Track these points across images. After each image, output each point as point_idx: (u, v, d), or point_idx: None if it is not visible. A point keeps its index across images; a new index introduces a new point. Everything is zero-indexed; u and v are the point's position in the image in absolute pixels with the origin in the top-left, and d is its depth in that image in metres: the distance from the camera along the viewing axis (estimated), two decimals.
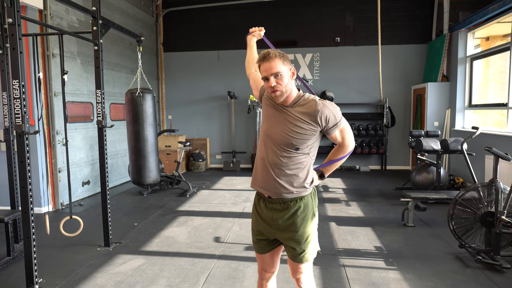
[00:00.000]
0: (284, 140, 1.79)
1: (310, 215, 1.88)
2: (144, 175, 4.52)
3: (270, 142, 1.83)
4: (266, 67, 1.76)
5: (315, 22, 8.53)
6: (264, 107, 1.93)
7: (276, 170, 1.82)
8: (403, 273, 3.14)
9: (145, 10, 8.21)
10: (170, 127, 9.01)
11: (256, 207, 1.98)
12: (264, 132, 1.88)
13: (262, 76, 1.79)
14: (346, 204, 5.41)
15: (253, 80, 2.13)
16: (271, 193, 1.86)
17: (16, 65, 2.62)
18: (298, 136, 1.78)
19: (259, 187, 1.91)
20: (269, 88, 1.77)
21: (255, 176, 1.95)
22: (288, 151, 1.80)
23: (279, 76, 1.75)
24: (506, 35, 6.24)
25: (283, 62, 1.76)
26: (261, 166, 1.88)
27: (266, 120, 1.90)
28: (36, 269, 2.82)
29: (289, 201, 1.85)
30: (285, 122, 1.80)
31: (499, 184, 3.28)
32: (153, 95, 4.50)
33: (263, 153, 1.87)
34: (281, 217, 1.86)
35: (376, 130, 8.37)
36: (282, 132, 1.79)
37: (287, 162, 1.81)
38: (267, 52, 1.77)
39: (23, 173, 2.73)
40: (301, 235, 1.86)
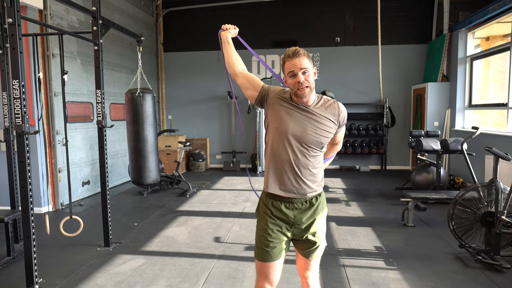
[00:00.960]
0: (314, 139, 1.81)
1: (326, 209, 1.97)
2: (144, 175, 4.52)
3: (296, 142, 1.80)
4: (295, 62, 1.76)
5: (315, 22, 8.53)
6: (277, 106, 1.86)
7: (303, 170, 1.82)
8: (403, 273, 3.14)
9: (145, 10, 8.22)
10: (170, 127, 9.01)
11: (271, 211, 1.89)
12: (287, 132, 1.81)
13: (289, 71, 1.78)
14: (346, 204, 5.41)
15: (245, 78, 1.99)
16: (296, 194, 1.84)
17: (16, 65, 2.62)
18: (326, 135, 1.84)
19: (282, 192, 1.85)
20: (296, 84, 1.76)
21: (273, 178, 1.87)
22: (316, 150, 1.83)
23: (307, 73, 1.77)
24: (506, 35, 6.24)
25: (309, 60, 1.81)
26: (283, 167, 1.83)
27: (283, 120, 1.82)
28: (36, 269, 2.82)
29: (310, 199, 1.88)
30: (311, 121, 1.81)
31: (499, 184, 3.28)
32: (153, 95, 4.50)
33: (286, 154, 1.82)
34: (305, 215, 1.87)
35: (376, 130, 8.37)
36: (311, 131, 1.80)
37: (313, 161, 1.84)
38: (295, 49, 1.79)
39: (23, 173, 2.73)
40: (321, 229, 1.91)
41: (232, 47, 2.12)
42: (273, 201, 1.89)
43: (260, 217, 1.94)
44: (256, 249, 1.93)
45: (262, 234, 1.90)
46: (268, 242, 1.87)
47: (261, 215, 1.93)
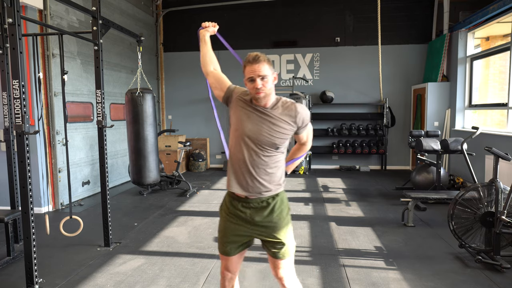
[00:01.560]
0: (268, 140, 1.86)
1: (286, 209, 1.99)
2: (144, 175, 4.52)
3: (252, 143, 1.87)
4: (254, 68, 1.82)
5: (315, 22, 8.53)
6: (238, 108, 1.93)
7: (257, 170, 1.88)
8: (403, 273, 3.14)
9: (145, 10, 8.22)
10: (170, 127, 9.01)
11: (229, 209, 1.98)
12: (243, 133, 1.89)
13: (248, 77, 1.84)
14: (346, 204, 5.41)
15: (214, 78, 2.06)
16: (251, 193, 1.90)
17: (16, 65, 2.62)
18: (280, 136, 1.88)
19: (238, 190, 1.92)
20: (254, 89, 1.83)
21: (232, 178, 1.94)
22: (270, 151, 1.88)
23: (265, 79, 1.83)
24: (506, 35, 6.25)
25: (270, 66, 1.86)
26: (239, 167, 1.91)
27: (242, 121, 1.90)
28: (36, 269, 2.82)
29: (267, 199, 1.92)
30: (267, 123, 1.87)
31: (499, 184, 3.28)
32: (153, 95, 4.50)
33: (241, 154, 1.89)
34: (260, 215, 1.92)
35: (376, 130, 8.37)
36: (265, 133, 1.86)
37: (268, 162, 1.89)
38: (256, 54, 1.84)
39: (23, 173, 2.73)
40: (280, 229, 1.94)
41: (208, 46, 2.16)
42: (232, 200, 1.98)
43: (221, 215, 2.06)
44: (218, 242, 2.08)
45: (222, 230, 2.04)
46: (227, 238, 2.00)
47: (221, 213, 2.05)
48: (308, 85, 8.66)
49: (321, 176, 7.71)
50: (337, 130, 8.46)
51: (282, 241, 1.94)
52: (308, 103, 8.06)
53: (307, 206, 5.29)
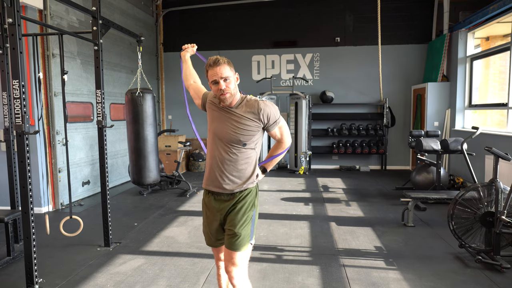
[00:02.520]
0: (233, 137, 1.97)
1: (249, 203, 2.06)
2: (144, 175, 4.52)
3: (220, 141, 2.00)
4: (216, 71, 1.93)
5: (315, 22, 8.53)
6: (209, 111, 2.11)
7: (227, 167, 1.99)
8: (403, 273, 3.14)
9: (145, 10, 8.22)
10: (170, 127, 9.00)
11: (206, 204, 2.12)
12: (213, 132, 2.04)
13: (211, 80, 1.95)
14: (346, 204, 5.41)
15: (193, 90, 2.30)
16: (222, 189, 2.01)
17: (16, 65, 2.62)
18: (244, 132, 1.98)
19: (211, 186, 2.05)
20: (218, 90, 1.94)
21: (207, 175, 2.08)
22: (237, 148, 1.99)
23: (228, 80, 1.94)
24: (506, 35, 6.25)
25: (230, 68, 1.97)
26: (212, 164, 2.04)
27: (213, 121, 2.06)
28: (36, 269, 2.82)
29: (234, 193, 2.04)
30: (231, 121, 1.99)
31: (499, 184, 3.28)
32: (153, 95, 4.50)
33: (214, 152, 2.03)
34: (226, 206, 2.04)
35: (376, 130, 8.37)
36: (230, 130, 1.98)
37: (237, 158, 2.00)
38: (216, 58, 1.95)
39: (23, 173, 2.73)
40: (238, 218, 2.02)
41: (189, 64, 2.44)
42: (206, 194, 2.12)
43: (202, 211, 2.20)
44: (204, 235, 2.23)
45: (203, 223, 2.20)
46: (207, 230, 2.16)
47: (202, 210, 2.19)
48: (308, 85, 8.66)
49: (321, 176, 7.71)
50: (337, 130, 8.47)
51: (236, 232, 2.01)
52: (308, 103, 8.07)
53: (307, 206, 5.29)
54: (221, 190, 2.03)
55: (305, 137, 8.04)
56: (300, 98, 7.97)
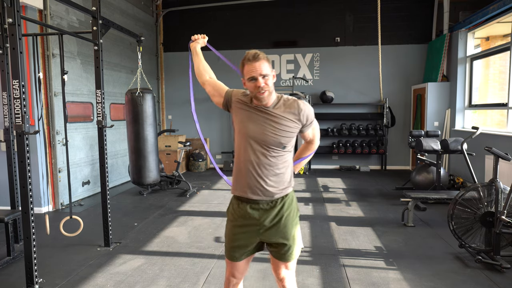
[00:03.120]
0: (273, 140, 1.82)
1: (295, 210, 1.94)
2: (144, 175, 4.52)
3: (256, 144, 1.83)
4: (255, 67, 1.77)
5: (315, 22, 8.53)
6: (238, 110, 1.90)
7: (265, 171, 1.84)
8: (403, 273, 3.14)
9: (145, 10, 8.22)
10: (170, 127, 9.00)
11: (236, 212, 1.93)
12: (246, 134, 1.85)
13: (249, 76, 1.78)
14: (346, 204, 5.41)
15: (211, 86, 2.05)
16: (260, 196, 1.85)
17: (16, 65, 2.62)
18: (285, 134, 1.84)
19: (247, 193, 1.86)
20: (256, 88, 1.78)
21: (238, 180, 1.90)
22: (277, 151, 1.84)
23: (267, 77, 1.78)
24: (506, 35, 6.25)
25: (269, 64, 1.82)
26: (247, 169, 1.86)
27: (244, 122, 1.87)
28: (36, 269, 2.82)
29: (275, 200, 1.88)
30: (270, 122, 1.83)
31: (499, 184, 3.28)
32: (153, 95, 4.50)
33: (248, 156, 1.85)
34: (268, 216, 1.87)
35: (376, 130, 8.37)
36: (270, 133, 1.82)
37: (276, 162, 1.85)
38: (255, 52, 1.79)
39: (23, 173, 2.73)
40: (288, 231, 1.89)
41: (201, 56, 2.19)
42: (239, 203, 1.92)
43: (228, 218, 1.98)
44: (225, 247, 2.00)
45: (229, 235, 1.96)
46: (234, 243, 1.93)
47: (229, 217, 1.98)
48: (308, 85, 8.66)
49: (321, 176, 7.71)
50: (337, 130, 8.46)
51: (290, 244, 1.90)
52: (308, 103, 8.06)
53: (307, 206, 5.29)
54: (260, 197, 1.85)
55: None
56: (300, 98, 7.95)
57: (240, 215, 1.91)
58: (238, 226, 1.92)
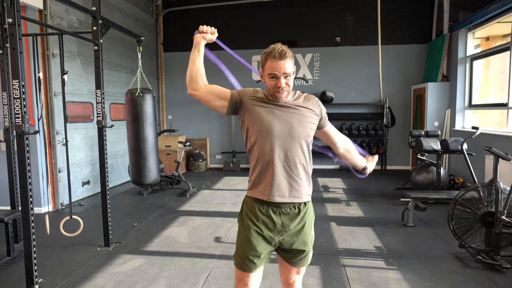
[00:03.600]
0: (302, 132, 1.73)
1: (313, 215, 1.88)
2: (144, 175, 4.52)
3: (283, 139, 1.71)
4: (279, 65, 1.66)
5: (315, 22, 8.53)
6: (254, 108, 1.74)
7: (295, 170, 1.73)
8: (403, 273, 3.14)
9: (145, 10, 8.21)
10: (170, 127, 9.01)
11: (257, 216, 1.77)
12: (268, 130, 1.70)
13: (270, 73, 1.68)
14: (346, 204, 5.41)
15: (209, 92, 1.79)
16: (287, 197, 1.73)
17: (16, 65, 2.62)
18: (312, 126, 1.78)
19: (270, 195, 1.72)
20: (275, 87, 1.69)
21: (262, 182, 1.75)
22: (304, 146, 1.75)
23: (288, 77, 1.70)
24: (506, 35, 6.24)
25: (293, 61, 1.73)
26: (274, 170, 1.71)
27: (266, 118, 1.71)
28: (36, 269, 2.82)
29: (298, 204, 1.77)
30: (295, 115, 1.74)
31: (499, 184, 3.28)
32: (153, 95, 4.50)
33: (273, 154, 1.71)
34: (292, 222, 1.76)
35: (376, 130, 8.37)
36: (297, 124, 1.72)
37: (305, 159, 1.76)
38: (282, 49, 1.68)
39: (23, 173, 2.73)
40: (309, 236, 1.82)
41: (201, 57, 1.84)
42: (260, 206, 1.77)
43: (244, 224, 1.81)
44: (237, 257, 1.81)
45: (246, 243, 1.77)
46: (252, 253, 1.76)
47: (245, 222, 1.80)
48: (308, 85, 8.66)
49: (321, 176, 7.71)
50: None
51: (308, 250, 1.83)
52: None
53: None
54: (289, 199, 1.73)
55: None
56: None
57: (261, 219, 1.76)
58: (257, 233, 1.76)
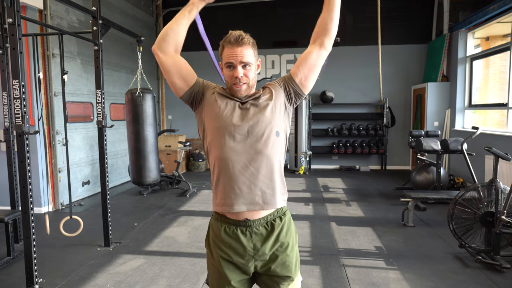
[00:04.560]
0: (263, 124, 1.45)
1: (294, 234, 1.56)
2: (144, 175, 4.52)
3: (245, 138, 1.44)
4: (235, 52, 1.43)
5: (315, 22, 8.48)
6: (216, 102, 1.50)
7: (259, 174, 1.43)
8: (403, 273, 3.14)
9: (145, 10, 8.22)
10: (170, 127, 9.01)
11: (221, 239, 1.49)
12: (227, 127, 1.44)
13: (227, 62, 1.45)
14: (346, 204, 5.41)
15: (177, 66, 1.52)
16: (258, 209, 1.45)
17: (16, 65, 2.62)
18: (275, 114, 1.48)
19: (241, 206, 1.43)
20: (232, 78, 1.45)
21: (222, 191, 1.46)
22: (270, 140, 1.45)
23: (247, 67, 1.46)
24: (506, 35, 6.24)
25: (254, 51, 1.50)
26: (233, 174, 1.43)
27: (225, 113, 1.46)
28: (36, 269, 2.82)
29: (272, 220, 1.48)
30: (254, 107, 1.48)
31: (499, 184, 3.28)
32: (153, 95, 4.50)
33: (232, 155, 1.43)
34: (266, 243, 1.46)
35: (376, 130, 8.37)
36: (259, 120, 1.45)
37: (272, 157, 1.45)
38: (239, 35, 1.45)
39: (23, 173, 2.73)
40: (291, 260, 1.51)
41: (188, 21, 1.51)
42: (225, 226, 1.49)
43: (211, 251, 1.54)
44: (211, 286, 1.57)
45: (216, 275, 1.52)
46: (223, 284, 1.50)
47: (211, 249, 1.54)
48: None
49: (321, 176, 7.71)
50: (337, 130, 8.47)
51: (292, 277, 1.51)
52: (308, 103, 8.07)
53: (307, 206, 5.29)
54: (257, 212, 1.44)
55: (305, 137, 8.04)
56: None
57: (227, 242, 1.48)
58: (227, 262, 1.48)
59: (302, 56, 1.57)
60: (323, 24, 1.57)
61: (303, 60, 1.55)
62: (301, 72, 1.55)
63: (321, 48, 1.58)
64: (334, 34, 1.58)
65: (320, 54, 1.58)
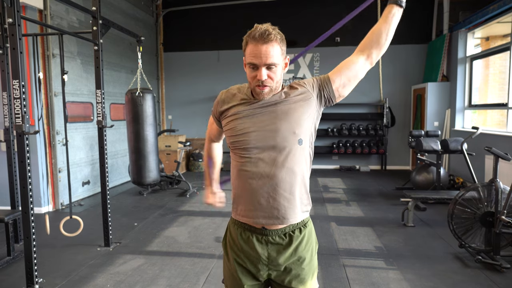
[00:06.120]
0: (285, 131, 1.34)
1: (314, 245, 1.50)
2: (144, 175, 4.53)
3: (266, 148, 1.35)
4: (260, 52, 1.28)
5: (315, 22, 8.53)
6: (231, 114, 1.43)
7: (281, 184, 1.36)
8: (403, 273, 3.14)
9: (145, 10, 8.21)
10: (170, 127, 9.01)
11: (237, 244, 1.45)
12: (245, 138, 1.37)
13: (250, 62, 1.31)
14: (346, 204, 5.41)
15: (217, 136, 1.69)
16: (277, 221, 1.38)
17: (16, 65, 2.62)
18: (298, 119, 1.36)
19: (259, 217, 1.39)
20: (255, 79, 1.33)
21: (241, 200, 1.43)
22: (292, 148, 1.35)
23: (273, 68, 1.32)
24: (506, 35, 6.24)
25: (282, 48, 1.33)
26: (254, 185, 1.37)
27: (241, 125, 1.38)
28: (36, 269, 2.82)
29: (291, 231, 1.41)
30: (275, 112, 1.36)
31: (499, 184, 3.28)
32: (153, 95, 4.50)
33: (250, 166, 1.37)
34: (282, 254, 1.41)
35: (376, 130, 8.37)
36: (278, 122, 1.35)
37: (293, 167, 1.36)
38: (266, 30, 1.28)
39: (23, 173, 2.73)
40: (307, 272, 1.44)
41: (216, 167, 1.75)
42: (242, 231, 1.45)
43: (227, 253, 1.51)
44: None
45: (230, 278, 1.49)
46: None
47: (227, 250, 1.51)
48: None
49: (321, 176, 7.71)
50: (337, 130, 8.47)
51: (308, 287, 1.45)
52: None
53: None
54: (276, 223, 1.38)
55: None
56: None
57: (242, 248, 1.44)
58: (240, 266, 1.45)
59: (346, 64, 1.44)
60: (377, 35, 1.44)
61: (346, 68, 1.43)
62: (341, 79, 1.42)
63: (367, 59, 1.45)
64: (385, 49, 1.45)
65: (365, 67, 1.45)
